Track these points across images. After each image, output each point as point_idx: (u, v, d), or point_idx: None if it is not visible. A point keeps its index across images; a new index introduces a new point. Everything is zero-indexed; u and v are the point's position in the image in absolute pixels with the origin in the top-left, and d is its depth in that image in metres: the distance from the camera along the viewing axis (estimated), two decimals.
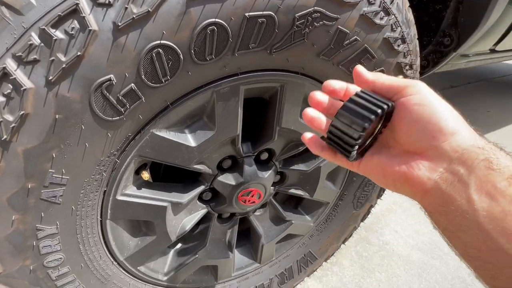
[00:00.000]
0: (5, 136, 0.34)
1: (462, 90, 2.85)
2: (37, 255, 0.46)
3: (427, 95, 0.29)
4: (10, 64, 0.32)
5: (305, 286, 0.98)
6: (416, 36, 0.63)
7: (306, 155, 0.74)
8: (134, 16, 0.34)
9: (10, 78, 0.32)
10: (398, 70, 0.61)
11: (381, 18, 0.51)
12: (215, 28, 0.40)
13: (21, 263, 0.45)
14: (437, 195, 0.28)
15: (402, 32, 0.56)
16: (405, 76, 0.63)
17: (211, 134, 0.53)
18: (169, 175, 0.66)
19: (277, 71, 0.52)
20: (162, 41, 0.37)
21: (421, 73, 0.94)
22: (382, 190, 0.92)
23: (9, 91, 0.33)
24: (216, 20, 0.39)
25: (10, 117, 0.34)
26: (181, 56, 0.40)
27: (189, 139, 0.52)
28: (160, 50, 0.38)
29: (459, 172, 0.27)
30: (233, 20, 0.40)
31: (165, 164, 0.54)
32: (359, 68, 0.33)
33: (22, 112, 0.34)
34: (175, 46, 0.39)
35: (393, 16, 0.53)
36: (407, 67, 0.62)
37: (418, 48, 0.65)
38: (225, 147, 0.59)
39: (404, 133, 0.30)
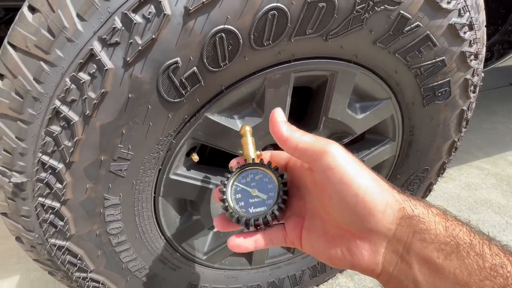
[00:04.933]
0: (88, 111, 0.39)
1: None
2: (103, 222, 0.51)
3: (347, 169, 0.28)
4: (96, 46, 0.36)
5: (336, 282, 0.97)
6: (485, 23, 0.57)
7: (348, 148, 0.72)
8: (204, 1, 0.36)
9: (96, 58, 0.36)
10: (462, 60, 0.56)
11: (449, 2, 0.48)
12: (276, 13, 0.40)
13: (90, 227, 0.50)
14: (387, 278, 0.29)
15: (471, 17, 0.52)
16: (469, 67, 0.58)
17: (259, 121, 0.54)
18: (213, 159, 0.69)
19: (330, 59, 0.51)
20: (225, 26, 0.39)
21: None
22: (428, 190, 0.86)
23: (93, 70, 0.37)
24: (278, 4, 0.39)
25: (92, 94, 0.38)
26: (241, 41, 0.41)
27: (238, 125, 0.54)
28: (223, 35, 0.39)
29: (399, 251, 0.28)
30: (294, 5, 0.40)
31: (212, 147, 0.57)
32: (277, 116, 0.33)
33: (103, 90, 0.38)
34: (236, 31, 0.40)
35: None
36: (472, 57, 0.57)
37: (485, 36, 0.59)
38: (269, 135, 0.60)
39: (336, 213, 0.30)
